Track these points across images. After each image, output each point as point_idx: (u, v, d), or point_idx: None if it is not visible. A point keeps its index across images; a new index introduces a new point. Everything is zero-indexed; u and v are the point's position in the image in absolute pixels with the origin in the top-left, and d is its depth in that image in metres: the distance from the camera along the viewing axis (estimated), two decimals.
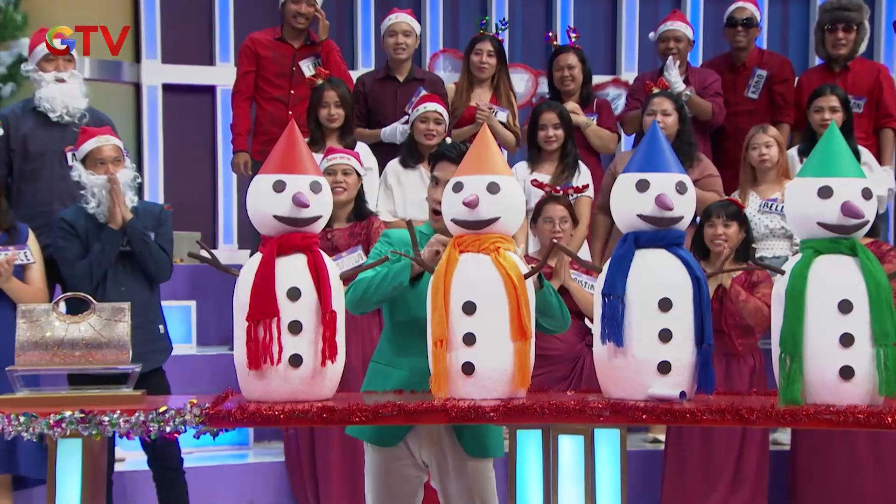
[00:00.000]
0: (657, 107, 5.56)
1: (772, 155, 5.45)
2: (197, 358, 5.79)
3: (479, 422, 2.90)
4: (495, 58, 5.96)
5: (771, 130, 5.50)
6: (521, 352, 2.98)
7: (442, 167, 3.37)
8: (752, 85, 6.26)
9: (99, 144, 4.47)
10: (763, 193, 5.48)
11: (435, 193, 3.35)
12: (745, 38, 6.29)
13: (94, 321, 3.04)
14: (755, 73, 6.26)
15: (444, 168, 3.37)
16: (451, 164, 3.35)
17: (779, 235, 5.41)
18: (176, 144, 7.17)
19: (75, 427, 2.79)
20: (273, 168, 3.07)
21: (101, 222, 4.41)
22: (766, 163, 5.45)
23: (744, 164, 5.55)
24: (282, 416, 2.87)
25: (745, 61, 6.31)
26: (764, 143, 5.45)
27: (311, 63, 5.89)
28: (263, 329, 2.96)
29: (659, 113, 5.55)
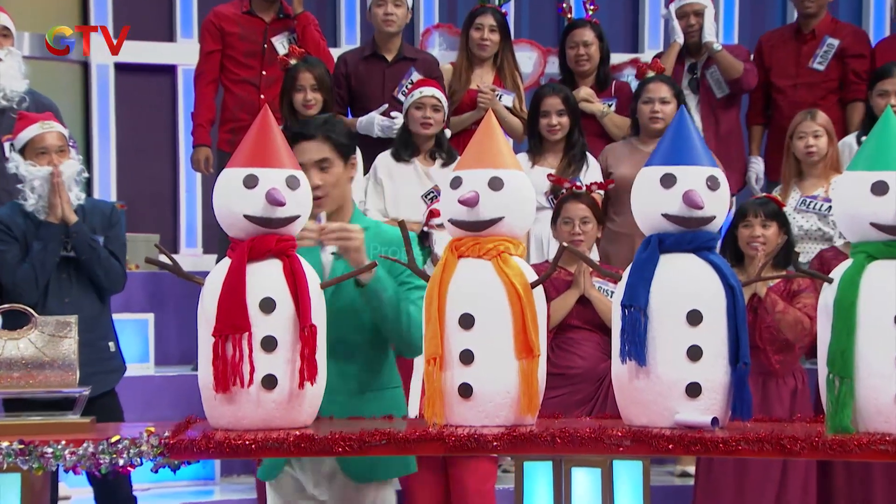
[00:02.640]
0: (654, 93, 5.58)
1: (819, 146, 5.45)
2: (155, 379, 5.80)
3: (480, 452, 2.90)
4: (498, 33, 5.97)
5: (820, 118, 5.49)
6: (527, 372, 2.98)
7: (300, 150, 3.34)
8: (819, 55, 6.27)
9: (40, 132, 4.47)
10: (807, 189, 5.50)
11: None
12: (815, 2, 6.30)
13: (36, 337, 3.03)
14: (825, 41, 6.27)
15: (304, 150, 3.35)
16: (309, 144, 3.35)
17: (815, 237, 5.42)
18: (130, 133, 7.18)
19: (13, 460, 2.77)
20: (243, 161, 3.07)
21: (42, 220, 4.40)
22: (812, 155, 5.46)
23: (787, 155, 5.56)
24: (253, 445, 2.87)
25: (813, 29, 6.32)
26: (812, 132, 5.45)
27: (286, 39, 5.90)
28: (232, 346, 2.96)
29: (656, 101, 5.56)
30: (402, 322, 3.28)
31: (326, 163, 3.35)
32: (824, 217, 5.41)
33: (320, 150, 3.35)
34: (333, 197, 3.36)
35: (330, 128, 3.38)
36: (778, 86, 6.34)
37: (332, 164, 3.36)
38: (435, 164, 5.49)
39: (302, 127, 3.40)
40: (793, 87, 6.26)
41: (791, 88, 6.27)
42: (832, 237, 5.41)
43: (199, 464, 3.17)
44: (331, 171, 3.36)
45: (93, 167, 6.99)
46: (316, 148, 3.35)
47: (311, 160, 3.33)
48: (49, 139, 4.48)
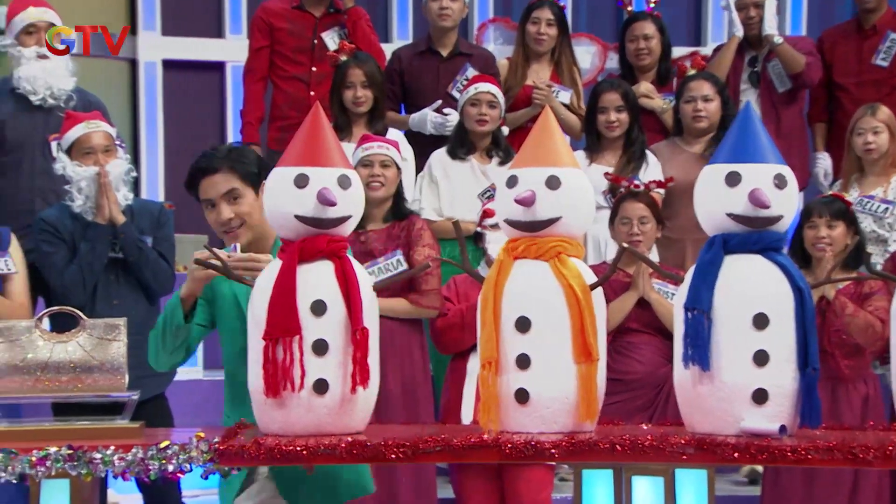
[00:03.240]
0: (696, 92, 5.54)
1: (880, 143, 5.39)
2: (204, 383, 5.83)
3: (537, 460, 2.90)
4: (556, 27, 5.96)
5: (881, 113, 5.43)
6: (586, 377, 2.97)
7: (206, 185, 3.35)
8: (882, 51, 6.21)
9: (87, 132, 4.52)
10: (866, 188, 5.43)
11: (210, 217, 3.38)
12: None
13: (84, 340, 3.06)
14: (887, 36, 6.20)
15: (210, 184, 3.34)
16: (215, 177, 3.34)
17: (870, 239, 5.35)
18: (178, 131, 7.23)
19: (62, 466, 2.80)
20: (294, 160, 3.08)
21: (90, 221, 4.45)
22: (871, 153, 5.40)
23: (848, 152, 5.50)
24: (305, 452, 2.88)
25: (875, 23, 6.25)
26: (871, 128, 5.39)
27: (336, 35, 5.92)
28: (283, 349, 2.98)
29: (699, 99, 5.53)
30: None
31: (236, 193, 3.35)
32: (880, 219, 5.34)
33: (227, 181, 3.35)
34: (250, 226, 3.37)
35: (235, 158, 3.38)
36: (840, 84, 6.27)
37: (242, 194, 3.37)
38: (492, 162, 5.49)
39: (205, 161, 3.38)
40: (856, 85, 6.19)
41: (854, 86, 6.19)
42: (886, 239, 5.34)
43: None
44: (242, 202, 3.36)
45: (140, 166, 7.05)
46: (222, 180, 3.35)
47: (219, 193, 3.34)
48: (95, 139, 4.53)
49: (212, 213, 3.36)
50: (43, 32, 4.96)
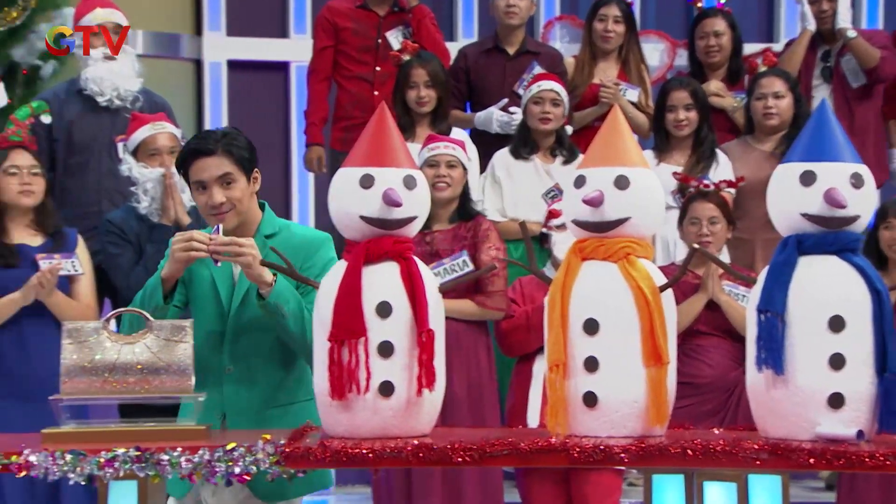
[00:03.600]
0: (767, 88, 5.49)
1: None
2: None
3: (606, 464, 2.88)
4: (623, 24, 5.93)
5: None
6: (656, 380, 2.96)
7: (200, 167, 3.33)
8: None
9: (153, 133, 4.58)
10: None
11: (200, 199, 3.35)
12: None
13: (151, 342, 3.09)
14: None
15: (204, 166, 3.33)
16: (209, 160, 3.33)
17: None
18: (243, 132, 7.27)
19: (130, 467, 2.83)
20: (360, 160, 3.09)
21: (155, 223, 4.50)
22: None
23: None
24: (371, 455, 2.88)
25: None
26: None
27: (400, 34, 5.93)
28: (348, 351, 2.99)
29: (770, 96, 5.47)
30: (306, 333, 3.26)
31: (229, 178, 3.35)
32: None
33: (221, 165, 3.34)
34: (239, 211, 3.37)
35: (230, 142, 3.37)
36: None
37: (235, 179, 3.36)
38: (555, 162, 5.48)
39: (200, 142, 3.37)
40: None
41: None
42: None
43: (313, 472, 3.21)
44: (234, 187, 3.36)
45: None
46: (216, 164, 3.34)
47: (212, 176, 3.33)
48: (161, 140, 4.58)
49: (202, 195, 3.35)
50: (110, 34, 5.02)
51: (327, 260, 3.41)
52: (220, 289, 3.35)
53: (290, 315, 3.25)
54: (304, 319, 3.27)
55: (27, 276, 4.30)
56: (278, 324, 3.28)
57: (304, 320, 3.27)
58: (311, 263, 3.39)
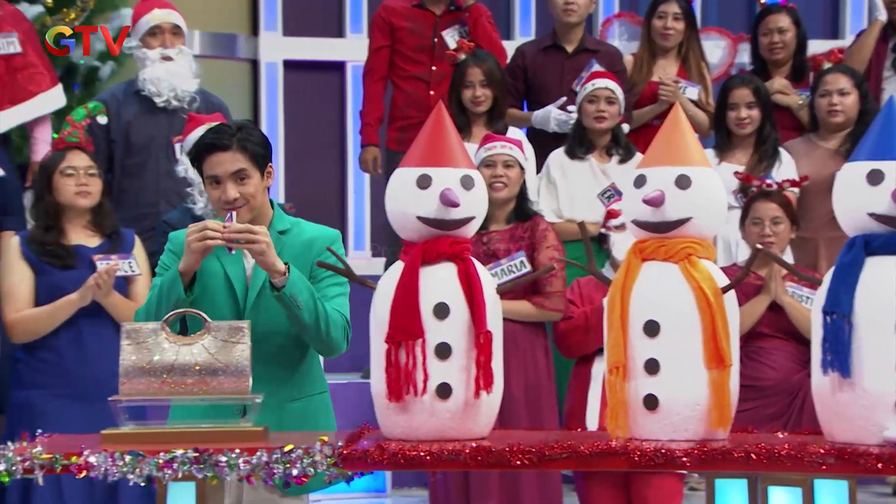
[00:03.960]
0: (832, 85, 5.43)
1: None
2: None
3: (668, 468, 2.87)
4: (683, 21, 5.91)
5: None
6: (718, 383, 2.94)
7: (214, 161, 3.32)
8: None
9: None
10: None
11: (214, 193, 3.34)
12: None
13: (209, 343, 3.10)
14: None
15: (218, 161, 3.31)
16: (224, 155, 3.31)
17: None
18: (299, 132, 7.33)
19: (188, 468, 2.86)
20: (417, 160, 3.10)
21: None
22: None
23: None
24: (428, 457, 2.89)
25: None
26: None
27: (457, 33, 5.93)
28: (406, 353, 2.99)
29: (835, 93, 5.41)
30: (320, 324, 3.28)
31: (243, 173, 3.34)
32: None
33: (236, 161, 3.33)
34: (252, 207, 3.36)
35: (245, 136, 3.35)
36: None
37: (250, 175, 3.35)
38: (611, 161, 5.46)
39: (216, 137, 3.35)
40: None
41: None
42: None
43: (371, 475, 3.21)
44: (248, 183, 3.34)
45: None
46: (231, 159, 3.33)
47: (226, 172, 3.32)
48: None
49: (216, 189, 3.35)
50: (167, 34, 5.06)
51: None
52: (235, 284, 3.36)
53: (304, 306, 3.25)
54: (318, 311, 3.27)
55: (84, 276, 4.35)
56: (292, 314, 3.27)
57: (317, 312, 3.27)
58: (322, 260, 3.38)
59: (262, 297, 3.35)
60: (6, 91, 5.35)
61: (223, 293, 3.36)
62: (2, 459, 2.88)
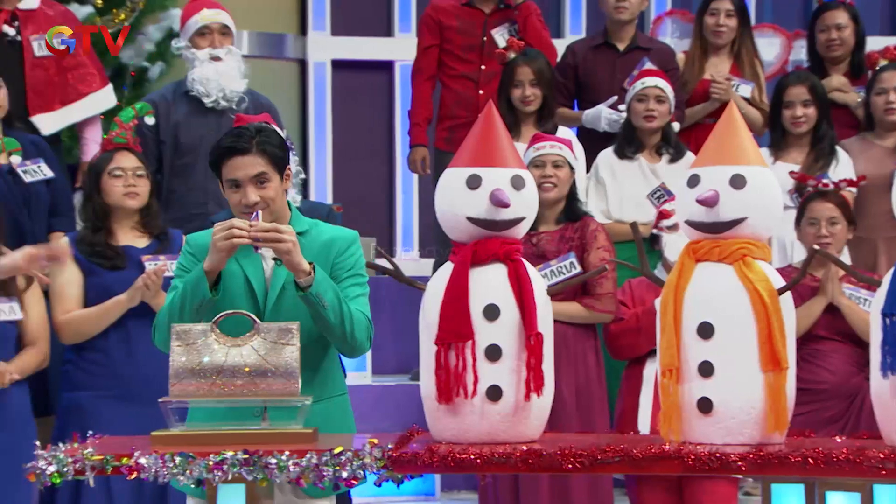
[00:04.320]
0: (888, 83, 5.37)
1: None
2: (373, 389, 5.90)
3: (722, 472, 2.85)
4: (736, 18, 5.87)
5: None
6: (774, 386, 2.93)
7: (234, 165, 3.30)
8: None
9: None
10: None
11: (234, 197, 3.32)
12: None
13: (258, 344, 3.12)
14: None
15: (238, 165, 3.29)
16: (244, 159, 3.28)
17: None
18: (347, 132, 7.34)
19: (238, 470, 2.88)
20: (466, 160, 3.10)
21: None
22: None
23: None
24: (479, 460, 2.89)
25: None
26: None
27: (506, 31, 5.92)
28: (455, 355, 3.00)
29: (891, 91, 5.36)
30: (345, 325, 3.25)
31: (263, 177, 3.32)
32: None
33: (256, 164, 3.31)
34: (272, 210, 3.34)
35: (264, 139, 3.33)
36: None
37: (270, 178, 3.33)
38: (661, 161, 5.43)
39: (235, 140, 3.33)
40: None
41: None
42: None
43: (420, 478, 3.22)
44: (269, 186, 3.32)
45: (309, 168, 7.19)
46: (251, 163, 3.30)
47: (247, 175, 3.30)
48: None
49: (235, 193, 3.33)
50: (216, 34, 5.09)
51: (358, 257, 3.41)
52: (255, 286, 3.36)
53: (329, 306, 3.23)
54: (343, 311, 3.26)
55: (133, 277, 4.38)
56: (317, 314, 3.25)
57: (342, 311, 3.25)
58: (342, 260, 3.37)
59: (282, 299, 3.35)
60: (57, 91, 5.40)
61: (243, 295, 3.35)
62: (53, 461, 2.92)
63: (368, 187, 7.38)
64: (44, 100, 5.35)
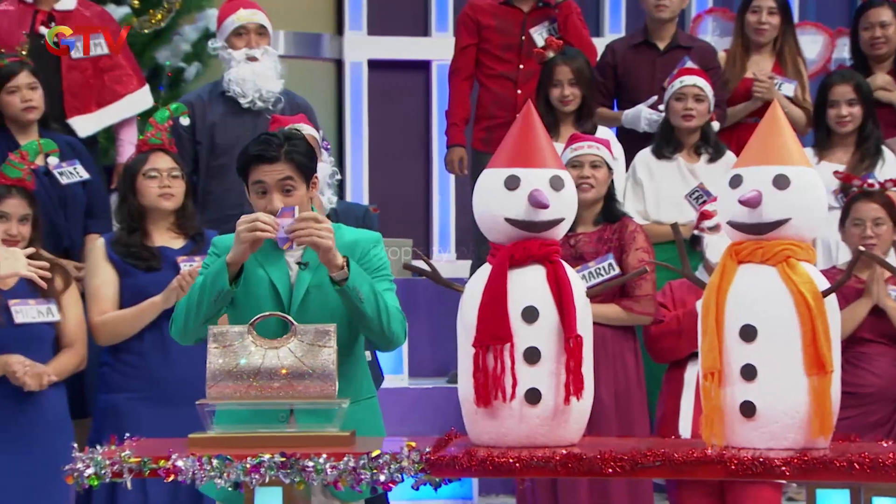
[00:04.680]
0: None
1: None
2: (410, 391, 5.91)
3: (766, 477, 2.84)
4: (778, 16, 5.84)
5: None
6: (819, 390, 2.91)
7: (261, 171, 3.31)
8: None
9: None
10: None
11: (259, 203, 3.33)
12: None
13: (295, 346, 3.12)
14: None
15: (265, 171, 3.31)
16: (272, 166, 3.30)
17: None
18: (384, 132, 7.36)
19: (275, 473, 2.88)
20: (505, 161, 3.10)
21: None
22: None
23: None
24: (518, 464, 2.88)
25: None
26: None
27: (545, 30, 5.91)
28: (494, 357, 3.00)
29: None
30: (381, 317, 3.28)
31: (290, 185, 3.33)
32: None
33: (283, 171, 3.33)
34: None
35: (292, 148, 3.34)
36: None
37: (296, 186, 3.34)
38: (700, 160, 5.41)
39: (263, 148, 3.34)
40: None
41: None
42: None
43: (458, 482, 3.22)
44: (294, 194, 3.33)
45: (345, 169, 7.21)
46: (279, 170, 3.32)
47: (274, 181, 3.32)
48: None
49: (261, 199, 3.34)
50: (253, 34, 5.12)
51: (382, 257, 3.43)
52: (280, 289, 3.37)
53: (365, 299, 3.25)
54: (378, 303, 3.28)
55: (168, 278, 4.40)
56: (354, 308, 3.26)
57: (378, 304, 3.28)
58: (367, 261, 3.39)
59: (307, 304, 3.36)
60: (93, 93, 5.44)
61: (268, 300, 3.37)
62: (91, 463, 2.94)
63: (405, 188, 7.39)
64: (80, 102, 5.40)
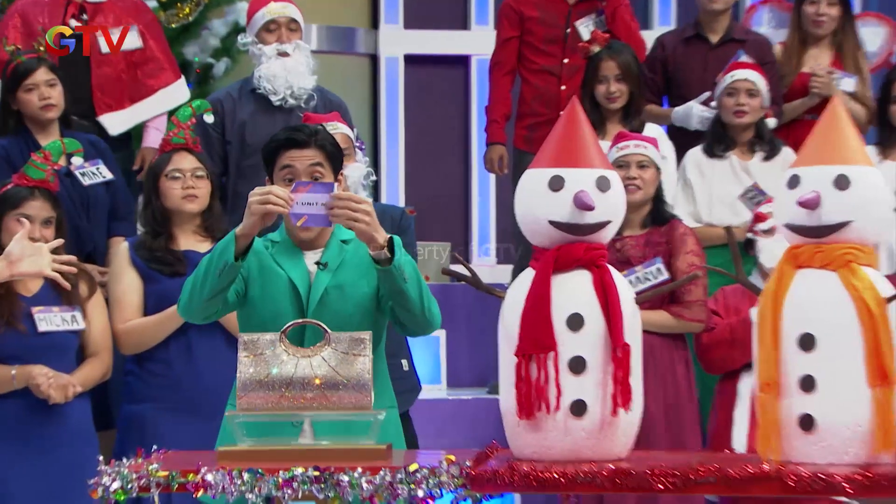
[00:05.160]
0: None
1: None
2: (448, 402, 5.92)
3: (827, 494, 2.82)
4: (838, 7, 5.81)
5: None
6: (882, 402, 2.90)
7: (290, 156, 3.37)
8: None
9: None
10: None
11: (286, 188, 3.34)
12: None
13: (329, 355, 3.13)
14: None
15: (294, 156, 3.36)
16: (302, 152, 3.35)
17: None
18: (421, 131, 7.37)
19: (308, 488, 2.88)
20: (548, 160, 3.10)
21: None
22: None
23: None
24: (563, 479, 2.88)
25: None
26: None
27: (592, 23, 5.89)
28: (537, 367, 3.00)
29: None
30: (423, 299, 3.32)
31: (319, 171, 3.39)
32: None
33: (314, 157, 3.40)
34: None
35: (323, 139, 3.42)
36: None
37: (324, 175, 3.41)
38: (754, 158, 5.39)
39: (294, 133, 3.42)
40: None
41: None
42: None
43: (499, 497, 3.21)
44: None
45: (380, 169, 7.22)
46: (310, 155, 3.40)
47: (304, 165, 3.38)
48: None
49: (287, 186, 3.36)
50: (284, 29, 5.13)
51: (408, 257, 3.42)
52: (300, 287, 3.40)
53: (409, 279, 3.28)
54: (421, 284, 3.32)
55: None
56: (397, 290, 3.29)
57: (420, 285, 3.32)
58: None
59: (325, 302, 3.40)
60: (126, 89, 5.47)
61: (287, 299, 3.41)
62: (117, 476, 2.95)
63: (443, 189, 7.40)
64: (112, 98, 5.43)
